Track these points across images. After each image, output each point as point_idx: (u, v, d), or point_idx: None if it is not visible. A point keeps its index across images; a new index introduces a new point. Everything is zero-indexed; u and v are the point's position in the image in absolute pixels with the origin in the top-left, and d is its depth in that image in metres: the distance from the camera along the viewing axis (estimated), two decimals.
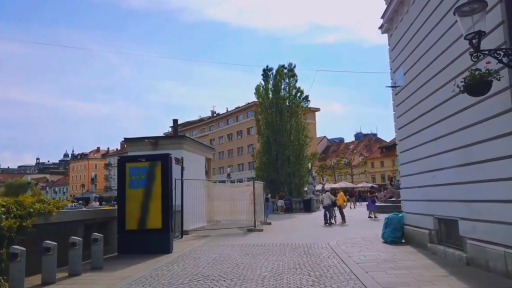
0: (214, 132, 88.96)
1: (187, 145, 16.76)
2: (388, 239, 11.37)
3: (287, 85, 36.40)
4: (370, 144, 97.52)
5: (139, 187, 10.50)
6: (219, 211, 17.75)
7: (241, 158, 79.66)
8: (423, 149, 9.59)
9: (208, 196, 17.56)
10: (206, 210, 17.47)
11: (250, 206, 17.01)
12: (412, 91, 10.27)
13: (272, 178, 35.06)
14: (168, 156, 10.61)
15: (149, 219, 10.37)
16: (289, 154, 35.25)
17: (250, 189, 17.15)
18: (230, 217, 17.76)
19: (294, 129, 35.91)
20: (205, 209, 17.25)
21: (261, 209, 20.05)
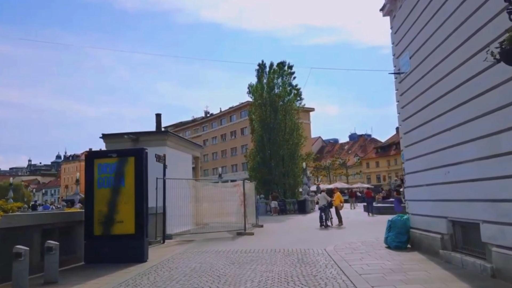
0: (208, 132, 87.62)
1: (171, 141, 15.43)
2: (392, 244, 10.12)
3: (283, 83, 35.11)
4: (365, 145, 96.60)
5: (109, 186, 9.17)
6: (207, 213, 16.42)
7: (235, 159, 78.35)
8: (434, 141, 8.34)
9: (195, 197, 16.29)
10: (193, 212, 16.18)
11: (240, 207, 15.71)
12: (420, 76, 9.04)
13: (266, 178, 33.76)
14: (143, 151, 9.28)
15: (120, 224, 9.04)
16: (283, 153, 33.96)
17: (240, 190, 15.85)
18: (219, 219, 16.43)
19: (289, 128, 34.64)
20: (192, 211, 15.96)
21: (253, 211, 18.75)
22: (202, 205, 16.42)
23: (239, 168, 75.53)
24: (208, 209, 16.44)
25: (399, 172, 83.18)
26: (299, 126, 36.04)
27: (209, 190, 16.94)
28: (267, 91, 34.35)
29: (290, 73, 35.24)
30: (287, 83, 35.15)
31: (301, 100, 35.87)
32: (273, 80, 34.57)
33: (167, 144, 14.88)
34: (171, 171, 14.97)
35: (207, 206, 16.39)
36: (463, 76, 7.13)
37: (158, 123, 16.18)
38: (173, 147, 15.59)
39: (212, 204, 16.44)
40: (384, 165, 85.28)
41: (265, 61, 35.56)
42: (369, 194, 24.91)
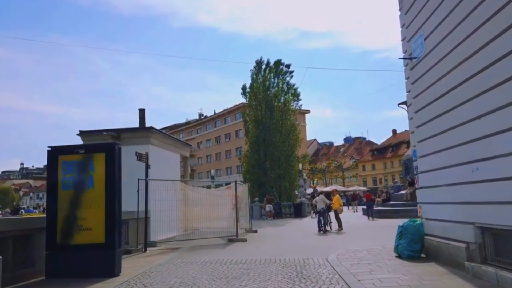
0: (202, 135, 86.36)
1: (156, 139, 14.07)
2: (404, 254, 8.83)
3: (279, 82, 33.79)
4: (361, 147, 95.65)
5: (75, 187, 7.81)
6: (196, 217, 15.07)
7: (229, 162, 77.08)
8: (458, 133, 7.08)
9: (183, 200, 14.94)
10: (181, 217, 14.83)
11: (231, 211, 14.38)
12: (439, 58, 7.78)
13: (261, 180, 32.41)
14: (114, 146, 7.92)
15: (88, 231, 7.67)
16: (279, 155, 32.63)
17: (232, 192, 14.51)
18: (209, 224, 15.09)
19: (285, 129, 33.34)
20: (180, 216, 14.60)
21: (246, 215, 17.42)
22: (191, 209, 15.08)
23: (233, 171, 74.22)
24: (197, 213, 15.10)
25: (395, 174, 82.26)
26: (296, 127, 34.78)
27: (199, 193, 15.60)
28: (263, 90, 33.05)
29: (287, 72, 33.98)
30: (284, 82, 33.89)
31: (298, 101, 34.63)
32: (270, 79, 33.29)
33: (151, 141, 13.53)
34: (156, 171, 13.63)
35: (197, 210, 15.05)
36: (496, 53, 5.88)
37: (141, 119, 14.79)
38: (158, 145, 14.23)
39: (201, 208, 15.10)
40: (380, 168, 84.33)
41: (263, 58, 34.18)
42: (369, 197, 23.68)
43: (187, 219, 15.12)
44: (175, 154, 16.01)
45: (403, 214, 21.89)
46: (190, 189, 15.49)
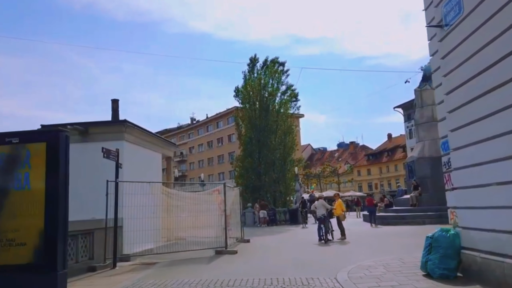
0: (194, 139, 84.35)
1: (132, 134, 12.09)
2: (435, 272, 6.95)
3: (275, 81, 31.89)
4: (355, 152, 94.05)
5: (2, 189, 5.83)
6: (180, 226, 13.07)
7: (222, 167, 75.08)
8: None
9: (166, 206, 12.99)
10: (163, 225, 12.86)
11: (219, 219, 12.42)
12: (482, 21, 5.97)
13: (254, 185, 30.44)
14: (59, 134, 5.96)
15: (19, 248, 5.69)
16: (274, 158, 30.71)
17: (220, 197, 12.56)
18: (196, 233, 13.11)
19: (281, 130, 31.46)
20: (162, 224, 12.63)
21: (237, 222, 15.49)
22: (175, 216, 13.10)
23: (226, 176, 72.19)
24: (182, 221, 13.10)
25: (391, 180, 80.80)
26: (293, 129, 32.95)
27: (183, 197, 13.61)
28: (258, 89, 31.18)
29: (282, 71, 32.14)
30: (280, 82, 32.00)
31: (297, 101, 32.69)
32: (265, 78, 31.41)
33: (126, 137, 11.56)
34: (131, 172, 11.72)
35: (182, 217, 13.07)
36: None
37: (114, 111, 12.74)
38: (135, 142, 12.27)
39: (186, 215, 13.11)
40: (376, 173, 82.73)
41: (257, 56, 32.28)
42: (371, 202, 21.81)
43: (171, 227, 13.15)
44: (156, 154, 14.03)
45: (409, 220, 20.12)
46: (174, 194, 13.55)
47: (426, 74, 23.51)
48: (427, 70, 23.60)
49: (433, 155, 22.11)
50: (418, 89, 23.58)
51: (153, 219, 11.56)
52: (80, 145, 11.47)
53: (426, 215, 19.91)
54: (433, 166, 21.94)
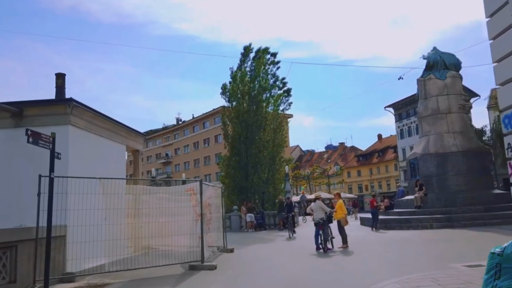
0: (179, 140, 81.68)
1: (82, 119, 9.47)
2: None
3: (266, 73, 29.31)
4: (345, 153, 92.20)
5: None
6: (148, 233, 10.50)
7: (208, 168, 72.49)
8: None
9: (132, 209, 10.47)
10: (129, 233, 10.27)
11: (194, 224, 9.87)
12: None
13: (241, 185, 27.88)
14: None
15: None
16: (263, 156, 28.21)
17: (195, 197, 10.00)
18: (164, 243, 10.58)
19: (270, 126, 28.98)
20: (126, 231, 10.03)
21: (219, 228, 12.97)
22: (144, 221, 10.50)
23: (212, 178, 69.63)
24: (149, 227, 10.50)
25: (382, 181, 78.94)
26: (283, 126, 30.48)
27: (151, 199, 11.00)
28: (247, 81, 28.66)
29: (274, 61, 29.61)
30: (270, 74, 29.48)
31: (289, 97, 30.11)
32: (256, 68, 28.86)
33: (73, 121, 8.95)
34: (82, 166, 9.13)
35: (149, 222, 10.47)
36: None
37: (59, 89, 10.09)
38: (86, 128, 9.65)
39: (152, 220, 10.50)
40: (366, 174, 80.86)
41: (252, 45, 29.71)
42: (374, 203, 19.40)
43: (138, 235, 10.56)
44: (117, 145, 11.41)
45: (415, 223, 17.84)
46: (142, 193, 10.96)
47: (430, 63, 21.39)
48: (430, 59, 21.48)
49: (439, 151, 19.97)
50: (422, 79, 21.38)
51: (112, 226, 9.00)
52: (12, 131, 8.86)
53: (433, 218, 17.67)
54: (439, 163, 19.79)
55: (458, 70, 21.24)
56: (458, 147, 19.72)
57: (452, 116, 20.41)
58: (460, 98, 20.62)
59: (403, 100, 64.62)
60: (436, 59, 21.24)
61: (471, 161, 19.47)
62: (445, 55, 21.55)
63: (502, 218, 16.71)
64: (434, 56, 21.42)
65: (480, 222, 16.65)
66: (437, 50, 21.92)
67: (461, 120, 20.57)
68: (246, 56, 29.12)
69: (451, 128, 20.28)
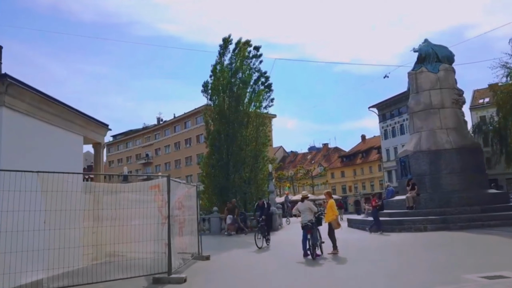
0: (160, 140, 79.54)
1: (23, 100, 7.74)
2: None
3: (247, 68, 27.69)
4: (328, 154, 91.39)
5: None
6: (109, 239, 8.81)
7: (190, 169, 70.58)
8: None
9: (92, 211, 8.79)
10: (87, 239, 8.60)
11: (160, 229, 8.26)
12: None
13: (222, 186, 26.22)
14: None
15: None
16: (245, 155, 26.64)
17: (160, 196, 8.37)
18: (127, 250, 8.91)
19: (252, 124, 27.42)
20: (74, 238, 8.34)
21: (193, 232, 11.37)
22: (102, 225, 8.83)
23: (194, 179, 67.75)
24: (109, 232, 8.83)
25: (366, 182, 78.24)
26: (266, 123, 28.94)
27: (113, 198, 9.32)
28: (229, 75, 27.03)
29: (256, 55, 28.04)
30: (253, 68, 27.88)
31: (270, 92, 28.55)
32: (236, 62, 27.27)
33: (8, 102, 7.22)
34: (23, 159, 7.42)
35: (109, 226, 8.80)
36: None
37: None
38: (29, 112, 7.93)
39: (116, 223, 8.83)
40: (350, 175, 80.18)
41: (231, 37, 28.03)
42: (374, 203, 17.82)
43: (98, 242, 8.87)
44: (73, 136, 9.71)
45: (407, 225, 16.56)
46: (102, 191, 9.27)
47: (422, 55, 20.23)
48: (422, 51, 20.33)
49: (431, 148, 18.79)
50: (413, 72, 20.20)
51: (59, 231, 7.34)
52: None
53: (427, 220, 16.43)
54: (432, 161, 18.61)
55: (451, 63, 20.15)
56: (452, 144, 18.58)
57: (445, 111, 19.27)
58: (454, 93, 19.51)
59: (387, 100, 64.06)
60: (428, 51, 20.10)
61: (465, 158, 18.35)
62: (437, 47, 20.44)
63: (501, 219, 15.59)
64: (426, 48, 20.27)
65: (478, 224, 15.48)
66: (429, 42, 20.81)
67: (455, 116, 19.45)
68: (225, 48, 27.48)
69: (444, 124, 19.12)
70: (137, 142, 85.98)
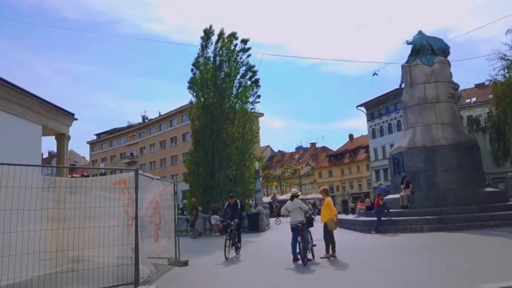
0: (145, 139, 77.63)
1: None
2: None
3: (234, 62, 26.45)
4: (316, 153, 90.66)
5: None
6: (75, 243, 7.52)
7: (175, 168, 68.92)
8: None
9: (54, 210, 7.52)
10: (48, 243, 7.31)
11: (126, 231, 7.02)
12: None
13: (207, 184, 24.98)
14: None
15: None
16: (231, 152, 25.44)
17: (127, 195, 7.12)
18: (89, 255, 7.65)
19: (239, 120, 26.25)
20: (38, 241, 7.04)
21: (169, 234, 10.14)
22: (64, 227, 7.53)
23: (179, 178, 66.21)
24: (69, 236, 7.53)
25: (353, 181, 77.68)
26: (252, 119, 27.77)
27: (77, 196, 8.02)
28: (213, 68, 25.78)
29: (244, 49, 26.81)
30: (239, 62, 26.66)
31: (258, 88, 27.37)
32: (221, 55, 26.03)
33: None
34: None
35: (69, 228, 7.50)
36: None
37: None
38: None
39: (76, 225, 7.54)
40: (337, 175, 79.58)
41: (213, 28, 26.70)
42: (379, 202, 16.68)
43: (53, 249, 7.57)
44: (29, 124, 8.39)
45: (402, 226, 15.57)
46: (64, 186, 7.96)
47: (416, 47, 19.30)
48: (417, 42, 19.40)
49: (427, 145, 17.85)
50: (407, 65, 19.25)
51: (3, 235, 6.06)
52: None
53: (424, 220, 15.46)
54: (427, 158, 17.68)
55: (446, 56, 19.27)
56: (447, 140, 17.68)
57: (441, 106, 18.37)
58: (449, 86, 18.63)
59: (375, 99, 63.57)
60: (423, 43, 19.19)
61: (461, 155, 17.47)
62: (432, 39, 19.55)
63: (501, 219, 14.71)
64: (420, 40, 19.35)
65: (477, 224, 14.57)
66: (423, 33, 19.91)
67: (450, 110, 18.58)
68: (207, 40, 26.18)
69: (439, 119, 18.22)
70: (121, 141, 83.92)
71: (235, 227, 11.62)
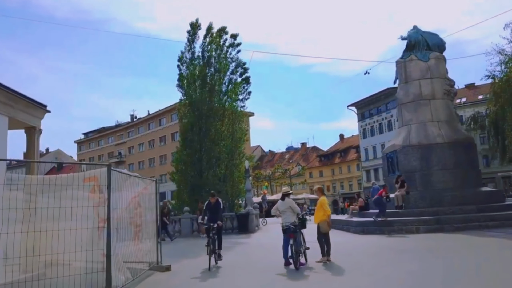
0: (133, 138, 76.34)
1: None
2: None
3: (224, 57, 25.66)
4: (307, 153, 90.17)
5: None
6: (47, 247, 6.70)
7: (164, 168, 67.64)
8: None
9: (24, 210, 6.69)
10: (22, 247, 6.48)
11: (96, 234, 6.22)
12: None
13: (194, 183, 24.18)
14: None
15: None
16: (220, 150, 24.68)
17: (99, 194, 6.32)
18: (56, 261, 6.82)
19: (228, 117, 25.47)
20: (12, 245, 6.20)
21: (151, 236, 9.34)
22: (32, 230, 6.71)
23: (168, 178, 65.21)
24: (43, 238, 6.71)
25: (344, 181, 77.34)
26: (242, 116, 27.02)
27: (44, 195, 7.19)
28: (200, 64, 24.96)
29: (233, 44, 26.03)
30: (229, 58, 25.88)
31: (248, 85, 26.60)
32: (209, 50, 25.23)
33: None
34: None
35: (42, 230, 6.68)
36: None
37: None
38: None
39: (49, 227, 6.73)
40: (328, 174, 79.17)
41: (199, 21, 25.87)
42: (383, 193, 15.93)
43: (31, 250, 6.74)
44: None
45: (398, 227, 14.92)
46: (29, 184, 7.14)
47: (411, 42, 18.73)
48: (412, 37, 18.83)
49: (422, 143, 17.28)
50: (402, 60, 18.67)
51: None
52: None
53: (420, 220, 14.85)
54: (422, 156, 17.10)
55: (442, 51, 18.73)
56: (443, 138, 17.12)
57: (436, 103, 17.81)
58: (445, 83, 18.09)
59: (366, 98, 63.31)
60: (418, 39, 18.64)
61: (458, 153, 16.93)
62: (427, 35, 19.00)
63: (499, 220, 14.15)
64: (416, 35, 18.79)
65: (475, 225, 14.00)
66: (418, 28, 19.34)
67: (446, 107, 18.03)
68: (193, 34, 25.36)
69: (435, 116, 17.66)
70: (109, 140, 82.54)
71: (215, 231, 9.95)
